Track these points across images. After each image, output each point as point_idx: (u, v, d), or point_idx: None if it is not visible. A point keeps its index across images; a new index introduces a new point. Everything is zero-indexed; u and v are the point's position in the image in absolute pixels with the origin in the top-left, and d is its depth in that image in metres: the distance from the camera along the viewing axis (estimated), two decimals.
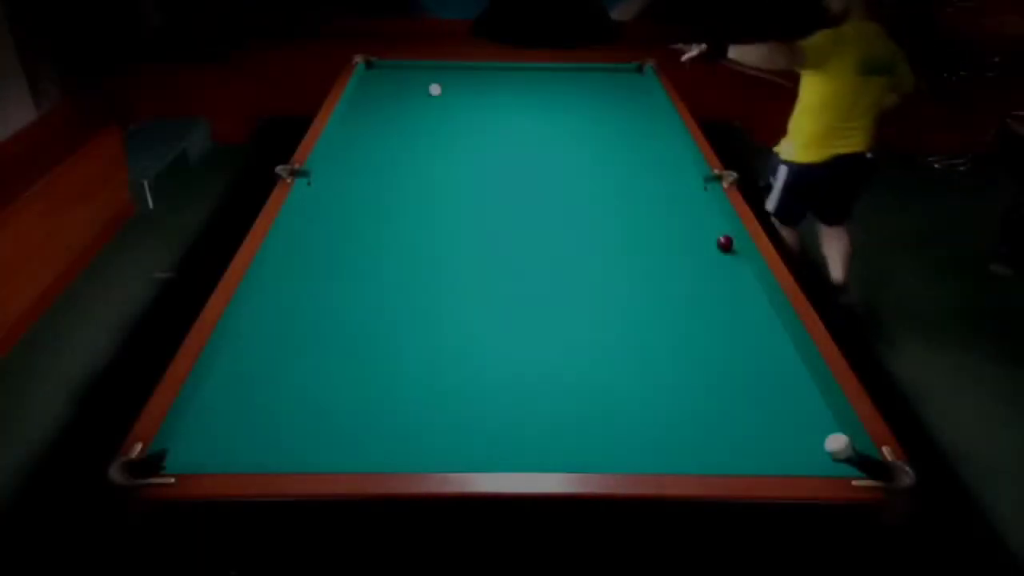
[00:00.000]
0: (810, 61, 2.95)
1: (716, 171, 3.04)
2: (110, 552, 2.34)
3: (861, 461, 1.64)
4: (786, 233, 3.51)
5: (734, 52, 2.87)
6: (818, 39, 2.95)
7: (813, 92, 3.12)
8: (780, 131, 3.41)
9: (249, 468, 1.60)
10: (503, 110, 3.82)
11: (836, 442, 1.66)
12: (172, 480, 1.55)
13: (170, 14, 5.55)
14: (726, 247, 2.55)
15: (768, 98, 3.65)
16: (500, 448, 1.70)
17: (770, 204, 3.42)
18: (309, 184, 2.92)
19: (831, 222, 3.44)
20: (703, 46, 2.75)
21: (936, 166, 5.43)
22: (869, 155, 3.16)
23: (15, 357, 3.25)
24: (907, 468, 1.57)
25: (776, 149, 3.36)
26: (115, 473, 1.52)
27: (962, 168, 5.38)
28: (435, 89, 3.92)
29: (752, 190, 3.01)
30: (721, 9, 5.35)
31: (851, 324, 3.36)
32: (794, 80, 3.21)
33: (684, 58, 2.74)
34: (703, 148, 3.30)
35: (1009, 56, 5.14)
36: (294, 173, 2.92)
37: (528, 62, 4.30)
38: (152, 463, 1.58)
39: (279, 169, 2.90)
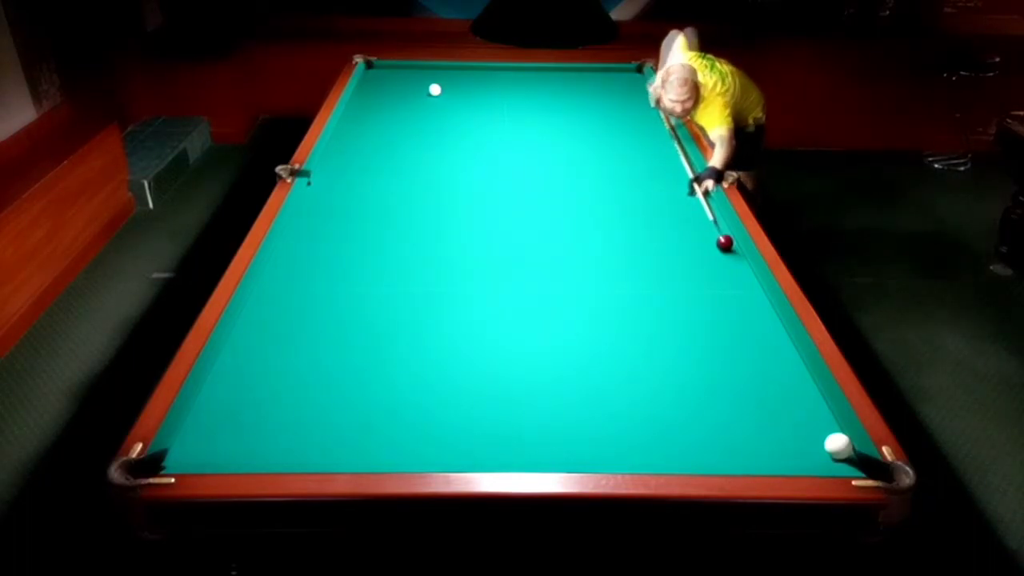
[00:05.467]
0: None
1: None
2: (110, 552, 2.34)
3: (861, 461, 1.64)
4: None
5: (722, 162, 3.12)
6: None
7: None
8: (778, 131, 3.45)
9: (249, 468, 1.60)
10: (503, 110, 3.82)
11: (836, 442, 1.66)
12: (172, 480, 1.55)
13: (170, 13, 5.54)
14: (726, 247, 2.55)
15: (769, 100, 3.66)
16: (501, 448, 1.70)
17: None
18: (309, 184, 2.92)
19: None
20: (710, 176, 2.95)
21: (936, 166, 5.44)
22: None
23: (15, 357, 3.25)
24: (907, 468, 1.57)
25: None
26: (115, 473, 1.52)
27: (962, 168, 5.38)
28: (435, 89, 3.92)
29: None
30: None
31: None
32: None
33: (702, 191, 2.90)
34: (703, 148, 3.30)
35: (1009, 56, 5.14)
36: (294, 173, 2.92)
37: (528, 62, 4.30)
38: (152, 463, 1.58)
39: (279, 169, 2.90)
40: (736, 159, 3.23)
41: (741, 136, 3.39)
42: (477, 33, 2.59)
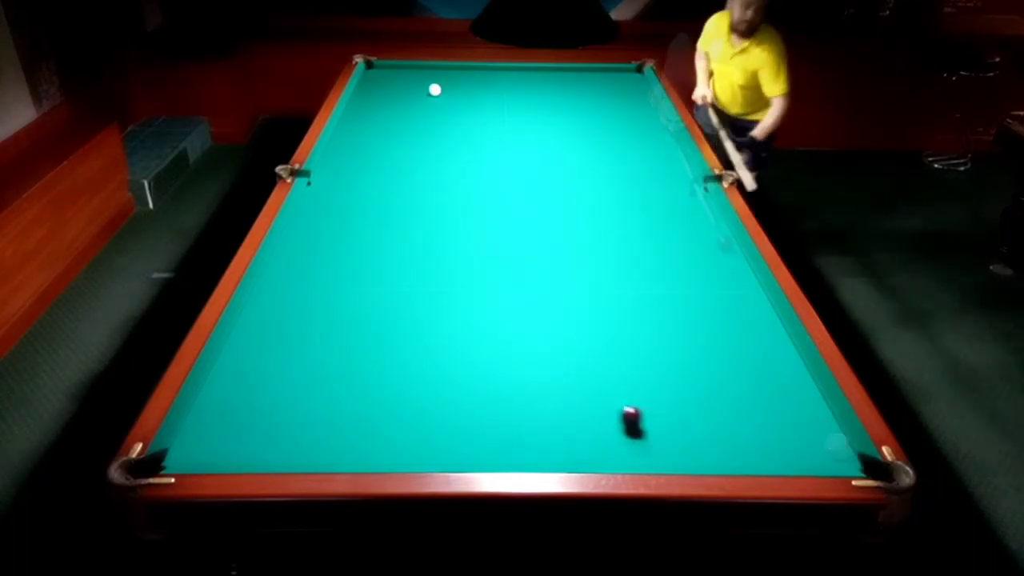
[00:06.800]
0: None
1: (716, 171, 3.04)
2: (110, 552, 2.34)
3: (861, 460, 1.64)
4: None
5: (767, 130, 3.31)
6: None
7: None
8: (779, 131, 3.58)
9: (249, 468, 1.60)
10: (503, 110, 3.82)
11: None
12: (172, 480, 1.55)
13: (170, 13, 5.55)
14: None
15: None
16: (501, 448, 1.70)
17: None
18: (309, 184, 2.92)
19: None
20: (746, 152, 3.06)
21: (936, 166, 5.44)
22: None
23: (15, 357, 3.26)
24: (907, 468, 1.57)
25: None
26: (115, 473, 1.52)
27: (962, 168, 5.39)
28: (435, 89, 3.92)
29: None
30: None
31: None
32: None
33: (731, 182, 2.91)
34: (703, 148, 3.30)
35: (1009, 56, 5.14)
36: (294, 173, 2.92)
37: (528, 62, 4.30)
38: (152, 463, 1.58)
39: (279, 169, 2.90)
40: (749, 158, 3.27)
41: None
42: (477, 33, 2.59)
